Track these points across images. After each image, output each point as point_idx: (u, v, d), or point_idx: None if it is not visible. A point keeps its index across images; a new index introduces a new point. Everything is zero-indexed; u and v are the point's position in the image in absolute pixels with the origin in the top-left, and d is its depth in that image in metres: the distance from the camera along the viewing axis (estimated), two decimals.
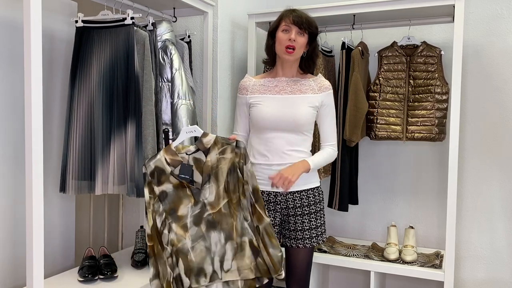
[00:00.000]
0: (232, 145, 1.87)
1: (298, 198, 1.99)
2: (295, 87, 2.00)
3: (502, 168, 2.70)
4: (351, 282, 3.09)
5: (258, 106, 2.01)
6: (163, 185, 1.84)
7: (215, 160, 1.85)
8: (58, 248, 2.41)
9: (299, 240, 1.98)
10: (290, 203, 1.98)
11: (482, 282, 2.77)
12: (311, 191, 2.01)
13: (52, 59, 2.30)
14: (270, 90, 2.02)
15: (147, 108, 2.12)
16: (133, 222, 2.93)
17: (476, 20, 2.72)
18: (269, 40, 2.05)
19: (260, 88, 2.05)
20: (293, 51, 1.93)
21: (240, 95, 2.12)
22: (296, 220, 1.99)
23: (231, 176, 1.86)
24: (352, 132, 2.52)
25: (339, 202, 2.61)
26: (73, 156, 2.10)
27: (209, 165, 1.84)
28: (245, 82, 2.11)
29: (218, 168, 1.85)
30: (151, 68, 2.13)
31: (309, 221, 1.98)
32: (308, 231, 1.97)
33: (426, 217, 2.89)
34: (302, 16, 1.94)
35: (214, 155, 1.85)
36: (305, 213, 1.98)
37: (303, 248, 1.98)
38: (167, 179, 1.83)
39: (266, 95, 2.02)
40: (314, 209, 2.00)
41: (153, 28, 2.21)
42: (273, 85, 2.03)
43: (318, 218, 2.00)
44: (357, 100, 2.50)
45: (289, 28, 1.94)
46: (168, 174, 1.83)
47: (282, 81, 2.03)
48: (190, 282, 1.80)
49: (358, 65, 2.52)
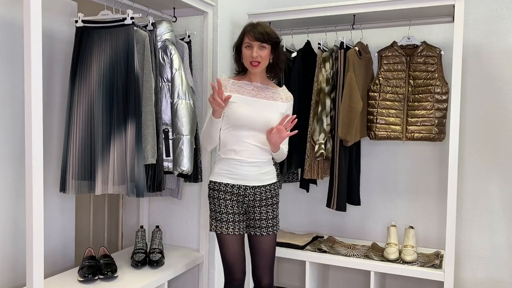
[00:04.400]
0: None
1: (264, 192, 2.16)
2: (268, 93, 2.18)
3: (502, 168, 2.70)
4: (351, 282, 3.09)
5: (237, 105, 2.10)
6: None
7: None
8: (58, 248, 2.41)
9: (263, 228, 2.15)
10: (257, 196, 2.15)
11: (482, 282, 2.77)
12: (273, 185, 2.21)
13: (52, 59, 2.30)
14: (248, 92, 2.15)
15: (147, 108, 2.12)
16: (133, 222, 2.93)
17: (476, 20, 2.72)
18: (235, 54, 2.20)
19: (239, 88, 2.15)
20: (258, 64, 2.10)
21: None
22: (261, 210, 2.15)
23: None
24: (346, 131, 2.51)
25: (337, 202, 2.61)
26: (73, 156, 2.10)
27: None
28: (224, 80, 2.14)
29: None
30: (151, 68, 2.13)
31: (272, 211, 2.18)
32: (271, 220, 2.17)
33: (426, 217, 2.89)
34: (261, 32, 2.08)
35: None
36: (269, 204, 2.17)
37: (267, 235, 2.16)
38: None
39: (244, 96, 2.13)
40: (273, 201, 2.19)
41: (153, 28, 2.21)
42: (250, 88, 2.16)
43: (275, 209, 2.20)
44: (351, 100, 2.50)
45: (251, 44, 2.08)
46: None
47: (258, 87, 2.17)
48: None
49: (353, 65, 2.52)
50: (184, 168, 2.26)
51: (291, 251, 2.75)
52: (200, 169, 2.49)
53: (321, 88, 2.61)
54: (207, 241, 2.64)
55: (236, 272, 2.16)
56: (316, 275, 2.86)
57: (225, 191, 2.12)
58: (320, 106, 2.61)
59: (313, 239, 2.93)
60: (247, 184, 2.13)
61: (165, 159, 2.27)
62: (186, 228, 2.75)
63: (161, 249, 2.48)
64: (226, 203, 2.12)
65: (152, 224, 2.83)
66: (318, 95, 2.62)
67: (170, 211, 2.80)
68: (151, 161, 2.12)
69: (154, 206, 2.85)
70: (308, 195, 3.16)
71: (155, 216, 2.84)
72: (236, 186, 2.13)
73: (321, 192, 3.13)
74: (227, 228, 2.11)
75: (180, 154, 2.26)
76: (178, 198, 2.52)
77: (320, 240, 2.93)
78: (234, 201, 2.13)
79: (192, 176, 2.46)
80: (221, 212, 2.12)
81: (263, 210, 2.16)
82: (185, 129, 2.26)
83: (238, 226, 2.13)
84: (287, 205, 3.26)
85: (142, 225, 2.74)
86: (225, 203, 2.12)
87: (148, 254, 2.43)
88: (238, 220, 2.13)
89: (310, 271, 2.72)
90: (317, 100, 2.63)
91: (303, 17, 2.63)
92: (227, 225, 2.11)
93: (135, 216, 2.92)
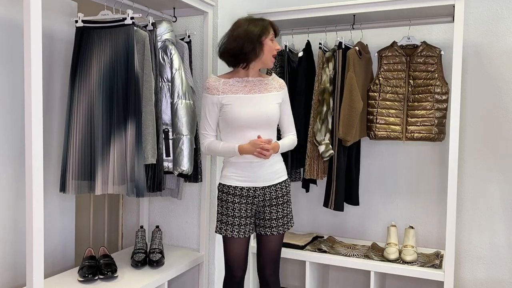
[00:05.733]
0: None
1: (274, 191, 2.13)
2: (261, 86, 2.13)
3: (502, 168, 2.70)
4: (351, 282, 3.09)
5: (233, 106, 2.06)
6: None
7: None
8: (58, 248, 2.41)
9: (273, 228, 2.13)
10: (267, 196, 2.12)
11: (482, 282, 2.77)
12: (284, 183, 2.18)
13: (52, 59, 2.30)
14: (241, 90, 2.10)
15: (147, 108, 2.12)
16: (133, 222, 2.93)
17: (476, 20, 2.72)
18: (253, 44, 2.04)
19: (231, 88, 2.09)
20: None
21: (209, 95, 2.08)
22: (271, 210, 2.13)
23: None
24: (346, 131, 2.51)
25: (334, 202, 2.60)
26: (73, 156, 2.10)
27: None
28: (214, 82, 2.09)
29: None
30: (151, 68, 2.13)
31: (282, 210, 2.15)
32: (281, 219, 2.14)
33: (426, 217, 2.89)
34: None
35: None
36: (279, 203, 2.14)
37: (276, 235, 2.15)
38: None
39: (238, 95, 2.08)
40: (284, 200, 2.16)
41: (153, 28, 2.21)
42: (242, 85, 2.11)
43: (285, 208, 2.17)
44: (351, 100, 2.50)
45: (274, 39, 2.12)
46: None
47: (250, 81, 2.12)
48: None
49: (353, 65, 2.52)
50: (184, 168, 2.26)
51: (291, 251, 2.75)
52: (200, 169, 2.49)
53: (325, 88, 2.61)
54: (207, 241, 2.64)
55: (237, 270, 2.16)
56: (316, 275, 2.86)
57: (234, 194, 2.09)
58: (325, 106, 2.60)
59: (313, 239, 2.93)
60: (257, 186, 2.10)
61: (165, 159, 2.27)
62: (186, 228, 2.75)
63: (161, 249, 2.48)
64: (234, 206, 2.09)
65: (152, 224, 2.83)
66: (322, 95, 2.61)
67: (170, 211, 2.80)
68: (151, 161, 2.12)
69: (154, 206, 2.85)
70: (308, 195, 3.16)
71: (155, 216, 2.84)
72: (245, 189, 2.10)
73: (321, 192, 3.13)
74: (232, 231, 2.08)
75: (180, 154, 2.26)
76: (178, 198, 2.52)
77: (320, 240, 2.93)
78: (243, 204, 2.10)
79: (192, 176, 2.46)
80: (228, 215, 2.09)
81: (273, 209, 2.13)
82: (185, 129, 2.26)
83: (244, 229, 2.10)
84: None
85: (142, 225, 2.74)
86: (233, 206, 2.09)
87: (148, 254, 2.43)
88: (245, 224, 2.10)
89: (310, 271, 2.72)
90: (320, 100, 2.62)
91: (303, 17, 2.63)
92: (232, 228, 2.08)
93: (135, 216, 2.92)
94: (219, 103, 2.08)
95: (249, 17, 2.15)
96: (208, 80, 2.13)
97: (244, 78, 2.13)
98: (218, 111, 2.09)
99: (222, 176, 2.15)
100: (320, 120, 2.60)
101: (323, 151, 2.57)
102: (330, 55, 2.64)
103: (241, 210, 2.10)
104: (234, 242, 2.11)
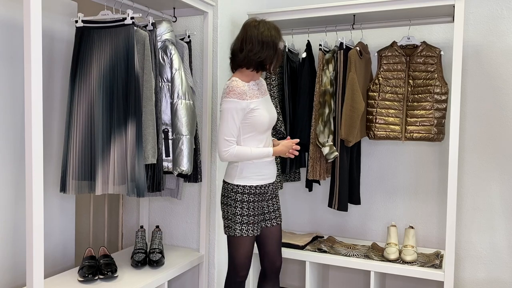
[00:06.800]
0: None
1: (274, 185, 2.27)
2: (263, 88, 2.20)
3: (502, 168, 2.70)
4: (351, 282, 3.09)
5: (260, 110, 2.07)
6: None
7: None
8: (58, 248, 2.41)
9: (273, 219, 2.24)
10: (271, 190, 2.24)
11: (482, 282, 2.77)
12: (277, 178, 2.32)
13: (52, 59, 2.30)
14: (259, 93, 2.14)
15: (147, 108, 2.12)
16: (133, 222, 2.93)
17: (476, 20, 2.72)
18: (276, 51, 2.08)
19: (253, 91, 2.10)
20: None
21: (239, 100, 1.99)
22: (273, 202, 2.25)
23: None
24: (348, 132, 2.51)
25: (338, 202, 2.61)
26: (73, 156, 2.11)
27: None
28: (242, 86, 2.02)
29: None
30: (151, 68, 2.13)
31: (277, 203, 2.28)
32: (277, 210, 2.28)
33: (426, 217, 2.90)
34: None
35: None
36: (276, 196, 2.28)
37: (278, 225, 2.26)
38: None
39: (260, 99, 2.11)
40: (277, 193, 2.31)
41: (153, 28, 2.21)
42: (257, 88, 2.14)
43: (278, 200, 2.31)
44: (353, 101, 2.50)
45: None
46: None
47: (259, 84, 2.18)
48: None
49: (354, 66, 2.52)
50: (184, 168, 2.26)
51: (291, 251, 2.75)
52: (199, 169, 2.49)
53: (326, 89, 2.61)
54: (207, 241, 2.64)
55: (242, 270, 2.17)
56: (316, 275, 2.86)
57: (255, 193, 2.13)
58: (327, 108, 2.60)
59: (313, 239, 2.93)
60: (270, 182, 2.21)
61: (164, 159, 2.27)
62: (186, 228, 2.75)
63: (161, 249, 2.49)
64: (255, 205, 2.14)
65: (152, 224, 2.83)
66: (323, 97, 2.61)
67: (170, 211, 2.80)
68: (152, 161, 2.12)
69: (154, 206, 2.85)
70: (308, 195, 3.16)
71: (155, 216, 2.84)
72: (264, 186, 2.17)
73: (321, 192, 3.13)
74: (253, 230, 2.13)
75: (179, 154, 2.26)
76: (178, 198, 2.52)
77: (320, 240, 2.93)
78: (258, 202, 2.15)
79: (192, 176, 2.46)
80: (249, 215, 2.11)
81: (274, 202, 2.25)
82: (185, 129, 2.26)
83: (257, 226, 2.16)
84: (287, 205, 3.26)
85: (142, 225, 2.74)
86: (253, 206, 2.13)
87: (148, 254, 2.43)
88: (258, 221, 2.17)
89: (310, 271, 2.72)
90: (322, 102, 2.61)
91: (303, 17, 2.63)
92: (253, 227, 2.13)
93: (135, 216, 2.92)
94: (248, 108, 2.03)
95: (262, 20, 2.11)
96: (236, 84, 2.01)
97: (256, 81, 2.16)
98: (242, 116, 2.03)
99: (242, 178, 2.11)
100: (322, 122, 2.60)
101: (327, 153, 2.57)
102: (330, 56, 2.64)
103: (256, 209, 2.15)
104: (248, 240, 2.14)
